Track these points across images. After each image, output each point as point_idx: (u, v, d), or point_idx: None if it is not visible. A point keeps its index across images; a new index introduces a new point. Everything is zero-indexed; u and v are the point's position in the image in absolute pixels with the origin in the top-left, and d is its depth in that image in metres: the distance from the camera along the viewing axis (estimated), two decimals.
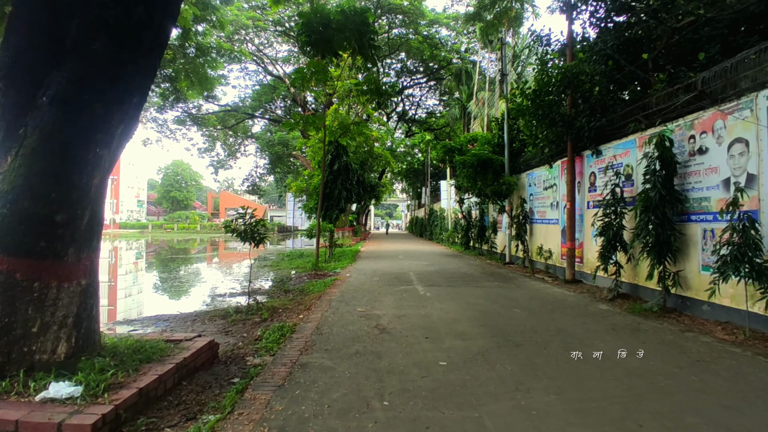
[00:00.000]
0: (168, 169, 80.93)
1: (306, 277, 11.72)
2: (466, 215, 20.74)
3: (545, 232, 12.56)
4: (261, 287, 10.18)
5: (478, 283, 10.01)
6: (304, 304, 7.62)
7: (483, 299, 7.82)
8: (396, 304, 7.33)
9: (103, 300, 10.05)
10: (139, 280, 13.82)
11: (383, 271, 12.21)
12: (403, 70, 43.68)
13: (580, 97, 9.81)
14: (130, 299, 10.70)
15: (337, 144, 16.83)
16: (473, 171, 12.77)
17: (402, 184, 63.66)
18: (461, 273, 11.93)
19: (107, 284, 12.92)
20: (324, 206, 16.80)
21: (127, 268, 17.88)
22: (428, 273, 11.77)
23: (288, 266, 14.69)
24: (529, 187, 13.90)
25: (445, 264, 14.41)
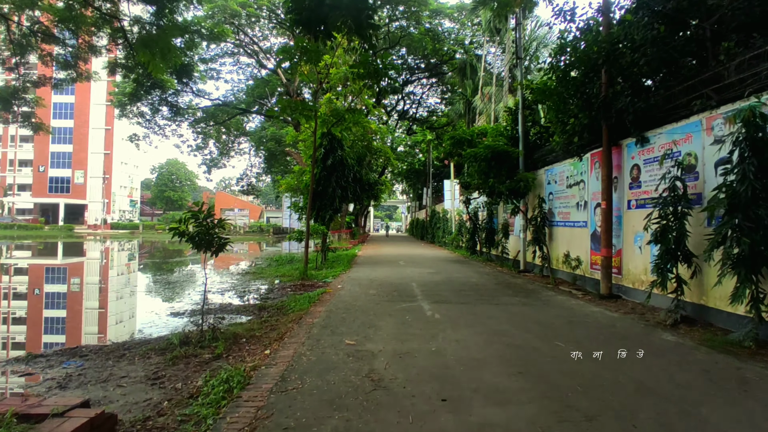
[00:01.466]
0: (162, 169, 79.15)
1: (290, 288, 9.98)
2: (473, 217, 19.00)
3: (569, 237, 10.82)
4: (231, 303, 8.42)
5: (495, 298, 8.27)
6: (278, 330, 5.88)
7: (508, 324, 6.08)
8: (396, 332, 5.58)
9: (20, 324, 8.32)
10: (89, 293, 11.98)
11: (381, 281, 10.47)
12: (403, 66, 42.06)
13: (618, 74, 8.09)
14: (62, 320, 8.88)
15: (331, 136, 15.09)
16: (486, 165, 11.05)
17: (402, 186, 62.01)
18: (472, 284, 10.19)
19: (49, 299, 11.17)
20: (316, 206, 15.05)
21: (90, 274, 16.13)
22: (434, 284, 10.04)
23: (273, 273, 12.94)
24: (547, 185, 12.18)
25: (451, 272, 12.67)
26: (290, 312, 7.16)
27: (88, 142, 63.91)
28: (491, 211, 17.18)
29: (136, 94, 13.83)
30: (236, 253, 25.59)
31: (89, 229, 58.67)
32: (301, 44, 10.89)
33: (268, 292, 9.56)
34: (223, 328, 6.14)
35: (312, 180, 12.32)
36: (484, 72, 29.14)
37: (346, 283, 10.19)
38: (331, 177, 15.07)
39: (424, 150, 45.16)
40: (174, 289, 11.17)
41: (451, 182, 24.29)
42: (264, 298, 8.85)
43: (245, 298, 9.09)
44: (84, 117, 63.32)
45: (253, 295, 9.35)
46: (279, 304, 7.91)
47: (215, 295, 9.42)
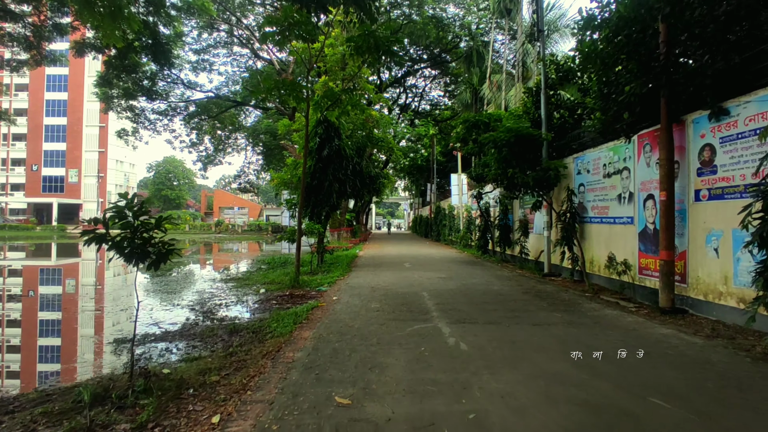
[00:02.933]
0: (159, 167, 77.51)
1: (276, 299, 8.30)
2: (484, 213, 17.31)
3: (607, 236, 9.12)
4: (197, 324, 6.73)
5: (530, 314, 6.58)
6: (243, 372, 4.21)
7: (564, 360, 4.39)
8: (410, 378, 3.91)
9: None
10: (27, 313, 10.35)
11: (385, 290, 8.80)
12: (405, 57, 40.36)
13: (680, 31, 6.37)
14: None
15: (326, 123, 13.41)
16: (508, 152, 9.32)
17: (404, 182, 60.25)
18: (494, 293, 8.50)
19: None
20: (310, 201, 13.39)
21: (51, 282, 14.49)
22: (449, 294, 8.35)
23: (261, 280, 11.27)
24: (577, 176, 10.47)
25: (465, 276, 10.99)
26: (268, 337, 5.50)
27: (82, 140, 62.34)
28: (506, 206, 15.47)
29: (106, 77, 12.21)
30: (227, 256, 23.97)
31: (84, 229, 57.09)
32: (290, 14, 9.24)
33: (247, 307, 7.89)
34: (170, 366, 4.48)
35: (304, 172, 10.64)
36: (491, 60, 27.41)
37: (343, 293, 8.52)
38: (327, 169, 13.41)
39: (427, 145, 43.53)
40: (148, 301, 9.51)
41: (458, 176, 22.57)
42: (240, 316, 7.18)
43: (217, 315, 7.40)
44: (77, 114, 61.72)
45: (229, 311, 7.68)
46: (256, 324, 6.23)
47: (181, 312, 7.74)
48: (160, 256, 4.10)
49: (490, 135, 9.52)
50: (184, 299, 8.91)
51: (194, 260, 19.51)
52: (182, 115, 34.26)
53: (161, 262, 4.11)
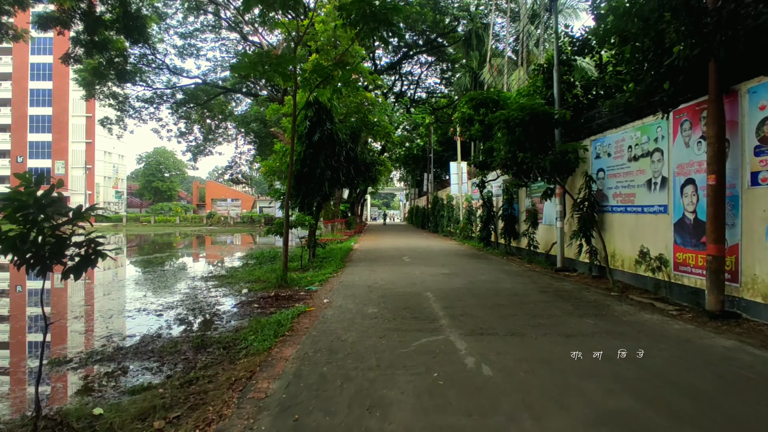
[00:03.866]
0: (150, 158, 75.70)
1: (258, 302, 7.23)
2: (487, 203, 16.27)
3: (633, 227, 8.10)
4: (159, 335, 5.62)
5: (556, 319, 5.55)
6: (199, 415, 3.14)
7: (627, 392, 3.36)
8: (423, 426, 2.86)
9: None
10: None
11: (384, 290, 7.75)
12: (400, 45, 39.04)
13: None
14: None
15: (317, 106, 12.25)
16: (521, 133, 8.22)
17: (400, 172, 59.02)
18: (507, 292, 7.47)
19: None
20: (301, 191, 12.29)
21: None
22: (457, 294, 7.31)
23: (246, 277, 10.19)
24: (596, 161, 9.41)
25: (471, 272, 9.96)
26: (241, 356, 4.44)
27: (68, 130, 60.54)
28: (511, 195, 14.44)
29: (72, 54, 11.04)
30: (215, 250, 22.84)
31: None
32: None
33: (224, 312, 6.81)
34: (105, 403, 3.41)
35: (292, 158, 9.53)
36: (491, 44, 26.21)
37: (335, 294, 7.46)
38: (318, 156, 12.28)
39: (424, 134, 42.40)
40: (110, 306, 8.39)
41: (457, 164, 21.49)
42: (212, 324, 6.10)
43: (188, 322, 6.32)
44: (63, 104, 59.82)
45: (202, 317, 6.59)
46: (229, 337, 5.16)
47: (146, 320, 6.64)
48: (84, 261, 3.01)
49: (500, 114, 8.41)
50: (155, 302, 7.80)
51: (178, 255, 18.37)
52: (169, 103, 32.85)
53: (84, 269, 3.02)
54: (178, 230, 43.52)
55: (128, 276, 11.91)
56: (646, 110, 8.13)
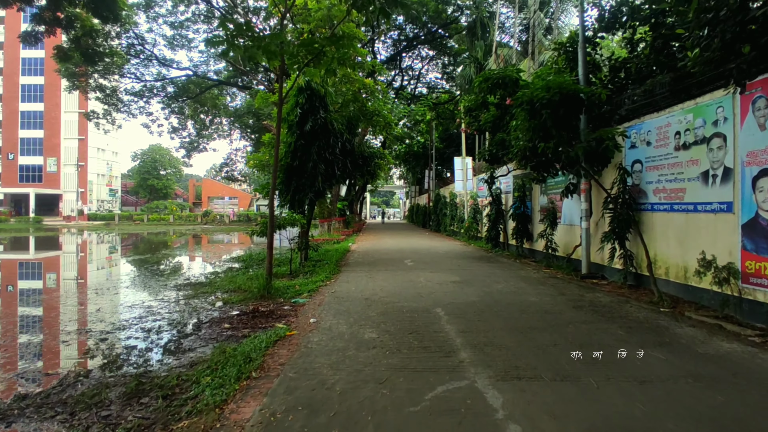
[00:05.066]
0: (145, 155, 74.24)
1: (231, 321, 5.89)
2: (496, 200, 14.95)
3: (682, 229, 6.78)
4: (92, 371, 4.28)
5: (610, 350, 4.22)
6: None
7: None
8: None
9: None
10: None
11: (384, 305, 6.43)
12: (400, 38, 37.77)
13: None
14: None
15: (309, 91, 10.91)
16: (549, 117, 6.85)
17: (400, 170, 57.63)
18: (535, 308, 6.15)
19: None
20: (290, 186, 10.96)
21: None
22: (474, 311, 5.99)
23: (226, 285, 8.86)
24: (630, 150, 8.07)
25: (484, 279, 8.64)
26: (184, 414, 3.11)
27: (60, 126, 59.09)
28: (524, 192, 13.13)
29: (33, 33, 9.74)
30: (202, 251, 21.50)
31: (63, 221, 54.30)
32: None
33: (186, 334, 5.47)
34: None
35: (277, 147, 8.21)
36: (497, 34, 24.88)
37: (325, 310, 6.13)
38: (310, 147, 10.95)
39: (424, 131, 41.13)
40: (37, 327, 7.06)
41: (462, 159, 20.16)
42: (165, 354, 4.77)
43: (133, 351, 4.97)
44: (55, 99, 58.33)
45: (153, 345, 5.24)
46: (178, 377, 3.83)
47: (84, 345, 5.30)
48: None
49: (523, 93, 7.06)
50: (106, 320, 6.47)
51: (158, 258, 17.02)
52: (160, 96, 31.48)
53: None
54: (171, 229, 42.16)
55: (92, 284, 10.57)
56: (697, 90, 6.85)
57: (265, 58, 8.41)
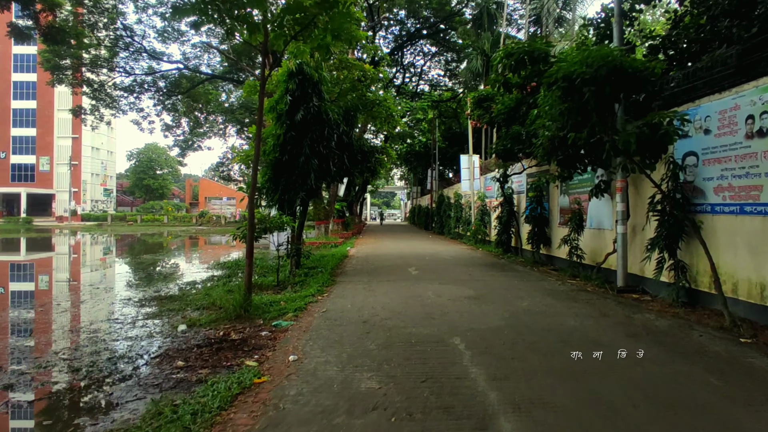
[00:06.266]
0: (141, 154, 72.84)
1: (189, 355, 4.53)
2: (508, 200, 13.63)
3: (759, 236, 5.45)
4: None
5: (716, 419, 2.91)
6: None
7: None
8: None
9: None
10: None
11: (387, 332, 5.09)
12: (401, 33, 36.49)
13: None
14: None
15: (301, 76, 9.58)
16: (591, 96, 5.48)
17: (401, 170, 56.23)
18: (581, 337, 4.82)
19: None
20: (279, 185, 9.64)
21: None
22: (504, 342, 4.65)
23: (199, 300, 7.52)
24: (681, 141, 6.73)
25: (505, 293, 7.31)
26: None
27: (53, 125, 57.78)
28: (541, 192, 11.80)
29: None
30: (186, 256, 20.17)
31: (56, 221, 52.99)
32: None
33: (121, 378, 4.12)
34: None
35: (257, 142, 6.89)
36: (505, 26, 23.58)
37: (312, 341, 4.79)
38: (302, 139, 9.62)
39: (426, 130, 39.90)
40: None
41: (469, 157, 18.82)
42: (82, 414, 3.44)
43: (34, 411, 3.63)
44: (48, 97, 56.96)
45: (84, 387, 3.92)
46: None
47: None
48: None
49: (558, 68, 5.71)
50: (27, 355, 5.12)
51: (135, 264, 15.66)
52: (151, 91, 30.12)
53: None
54: (164, 231, 40.81)
55: (45, 298, 9.22)
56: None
57: (246, 31, 7.12)
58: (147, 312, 6.81)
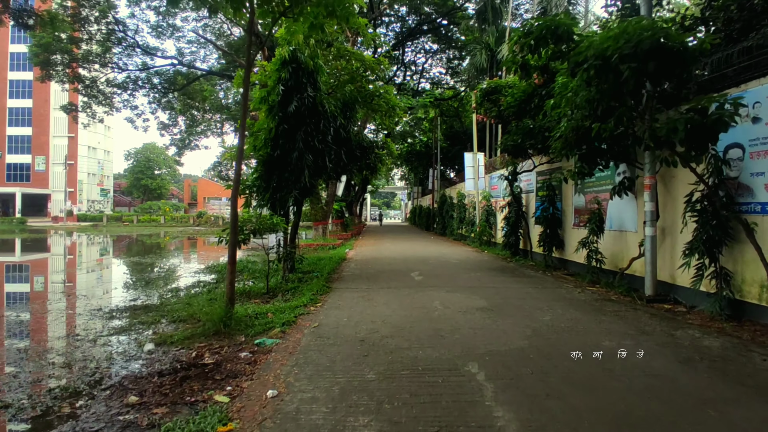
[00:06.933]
0: (139, 154, 72.00)
1: (142, 391, 3.73)
2: (517, 198, 12.82)
3: None
4: None
5: None
6: None
7: None
8: None
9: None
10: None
11: (389, 353, 4.27)
12: (402, 31, 35.66)
13: None
14: None
15: (294, 65, 8.76)
16: (631, 75, 4.58)
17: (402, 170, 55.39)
18: (622, 363, 4.00)
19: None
20: (271, 183, 8.83)
21: None
22: (532, 370, 3.82)
23: (178, 310, 6.69)
24: (737, 128, 5.89)
25: (521, 303, 6.49)
26: None
27: (49, 123, 56.98)
28: (553, 190, 10.99)
29: None
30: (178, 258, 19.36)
31: (51, 221, 52.17)
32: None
33: (59, 416, 3.31)
34: None
35: (243, 125, 6.08)
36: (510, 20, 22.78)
37: (298, 367, 3.96)
38: (295, 133, 8.82)
39: (427, 129, 39.14)
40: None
41: (473, 155, 18.00)
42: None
43: None
44: (44, 95, 56.17)
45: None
46: None
47: None
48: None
49: (590, 44, 4.85)
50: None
51: (119, 267, 14.84)
52: (145, 88, 29.29)
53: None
54: (161, 231, 39.99)
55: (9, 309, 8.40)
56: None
57: (231, 11, 6.29)
58: (114, 326, 5.98)
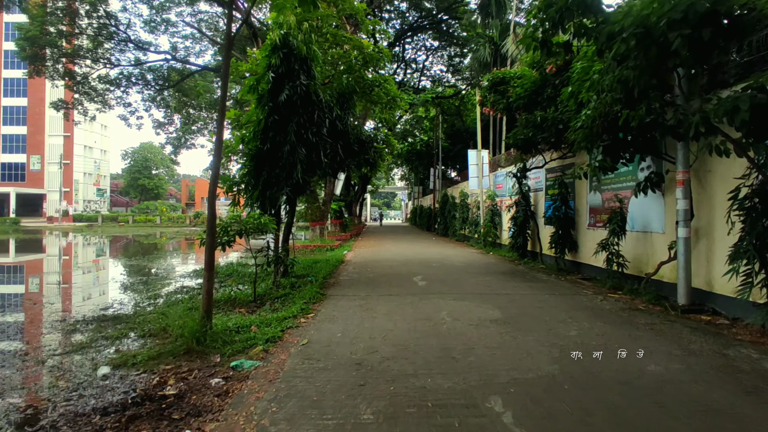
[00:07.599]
0: (136, 154, 71.19)
1: (85, 429, 2.96)
2: (525, 199, 12.05)
3: None
4: None
5: None
6: None
7: None
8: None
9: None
10: None
11: (390, 381, 3.50)
12: (402, 28, 34.92)
13: None
14: None
15: (286, 50, 7.98)
16: (683, 45, 3.82)
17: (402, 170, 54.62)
18: (674, 395, 3.21)
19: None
20: (260, 179, 8.05)
21: None
22: (570, 406, 3.04)
23: (150, 323, 5.90)
24: None
25: (543, 317, 5.71)
26: None
27: (44, 122, 56.13)
28: (566, 189, 10.22)
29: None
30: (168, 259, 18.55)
31: (46, 222, 51.37)
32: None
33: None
34: None
35: (219, 123, 5.30)
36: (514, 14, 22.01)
37: (278, 402, 3.18)
38: (287, 125, 8.04)
39: (428, 128, 38.43)
40: None
41: (477, 153, 17.22)
42: None
43: None
44: (39, 94, 55.31)
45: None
46: None
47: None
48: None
49: (629, 8, 4.05)
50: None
51: (103, 270, 14.06)
52: (139, 85, 28.51)
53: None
54: (156, 232, 39.17)
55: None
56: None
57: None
58: (73, 342, 5.19)
